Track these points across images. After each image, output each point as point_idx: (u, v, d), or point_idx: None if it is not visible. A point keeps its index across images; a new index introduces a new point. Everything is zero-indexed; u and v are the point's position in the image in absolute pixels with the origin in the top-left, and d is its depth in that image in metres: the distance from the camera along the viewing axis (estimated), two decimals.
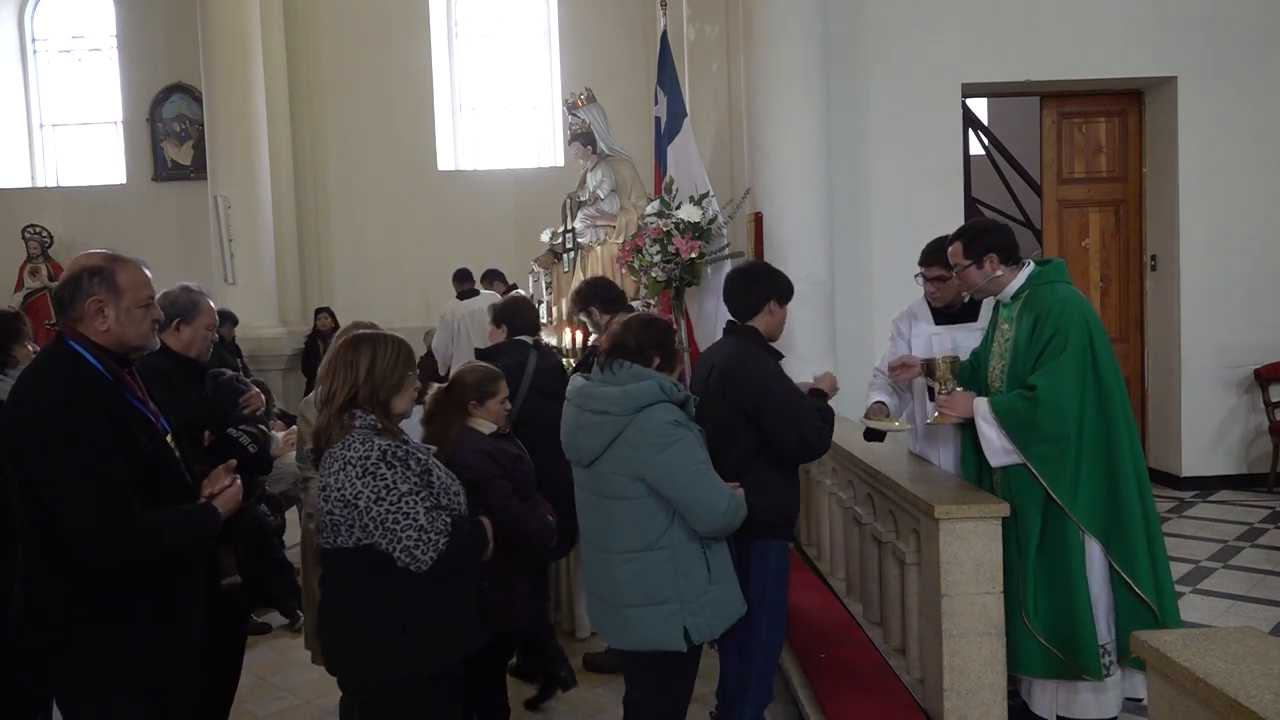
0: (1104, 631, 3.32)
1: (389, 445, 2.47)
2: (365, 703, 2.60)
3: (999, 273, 3.45)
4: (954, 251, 3.54)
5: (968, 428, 3.51)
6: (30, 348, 3.43)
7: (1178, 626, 3.35)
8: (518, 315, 4.28)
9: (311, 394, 3.57)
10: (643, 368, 2.84)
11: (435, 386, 3.24)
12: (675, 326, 5.80)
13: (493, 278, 8.88)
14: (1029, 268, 3.48)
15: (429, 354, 7.98)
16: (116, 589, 2.33)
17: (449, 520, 2.50)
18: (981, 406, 3.36)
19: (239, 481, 2.59)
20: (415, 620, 2.49)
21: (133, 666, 2.36)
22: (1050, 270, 3.47)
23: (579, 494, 2.97)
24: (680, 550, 2.76)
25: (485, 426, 3.31)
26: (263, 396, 3.52)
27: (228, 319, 8.96)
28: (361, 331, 2.70)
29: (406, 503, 2.43)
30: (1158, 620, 3.25)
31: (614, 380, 2.81)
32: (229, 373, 3.52)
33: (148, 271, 2.52)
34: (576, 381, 2.97)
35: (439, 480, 2.58)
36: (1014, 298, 3.47)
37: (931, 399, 3.73)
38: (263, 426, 3.21)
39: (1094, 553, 3.31)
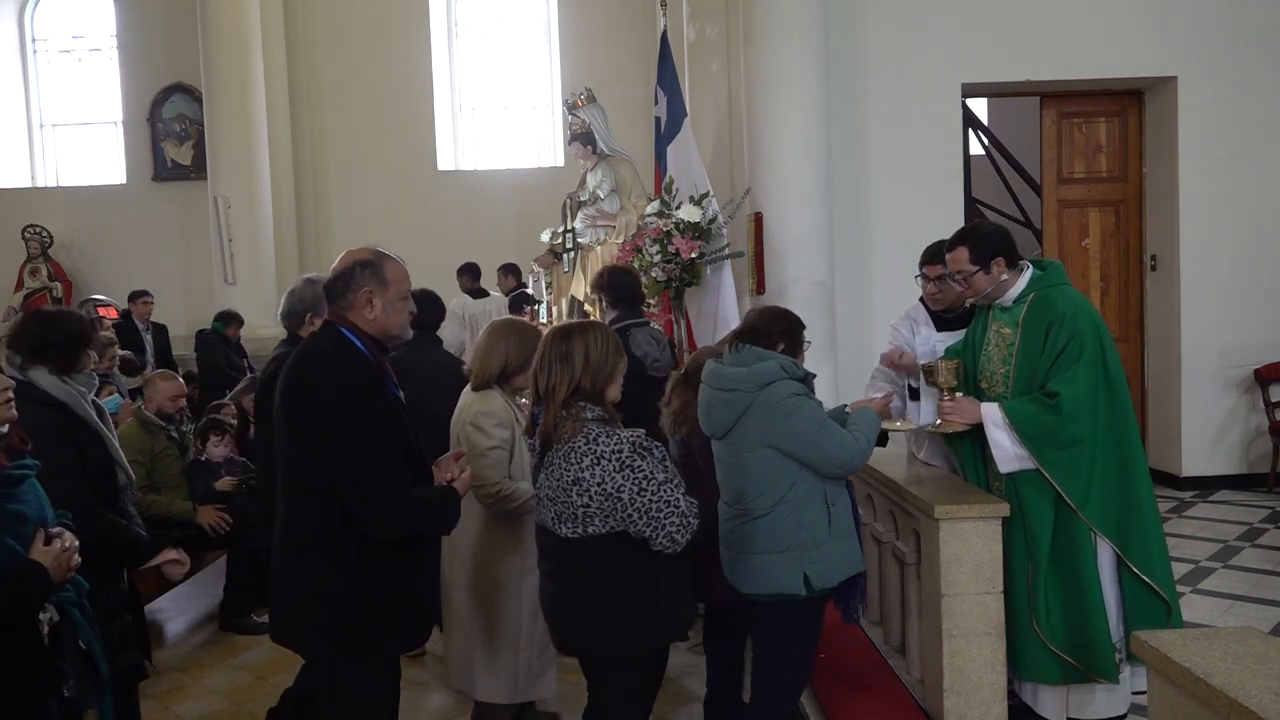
0: (1115, 630, 3.30)
1: (633, 437, 2.63)
2: (605, 675, 2.80)
3: (1004, 277, 3.39)
4: (957, 258, 3.41)
5: (969, 437, 3.46)
6: (94, 354, 3.36)
7: (1180, 624, 3.35)
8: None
9: (482, 400, 3.51)
10: (764, 350, 3.07)
11: (674, 374, 3.30)
12: (675, 326, 5.82)
13: (507, 271, 8.87)
14: (1029, 270, 3.43)
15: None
16: (394, 563, 2.56)
17: (694, 500, 2.69)
18: (993, 412, 3.28)
19: (468, 469, 2.78)
20: (665, 596, 2.71)
21: (396, 638, 2.63)
22: (1052, 273, 3.43)
23: (718, 464, 3.18)
24: (804, 504, 2.97)
25: None
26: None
27: (233, 319, 8.95)
28: (570, 323, 2.84)
29: (665, 491, 2.60)
30: (1170, 615, 3.26)
31: (740, 362, 3.06)
32: None
33: (405, 267, 2.70)
34: (710, 365, 3.21)
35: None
36: (1016, 301, 3.42)
37: (914, 397, 3.71)
38: None
39: (1104, 553, 3.29)
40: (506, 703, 3.57)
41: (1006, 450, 3.26)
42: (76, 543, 2.47)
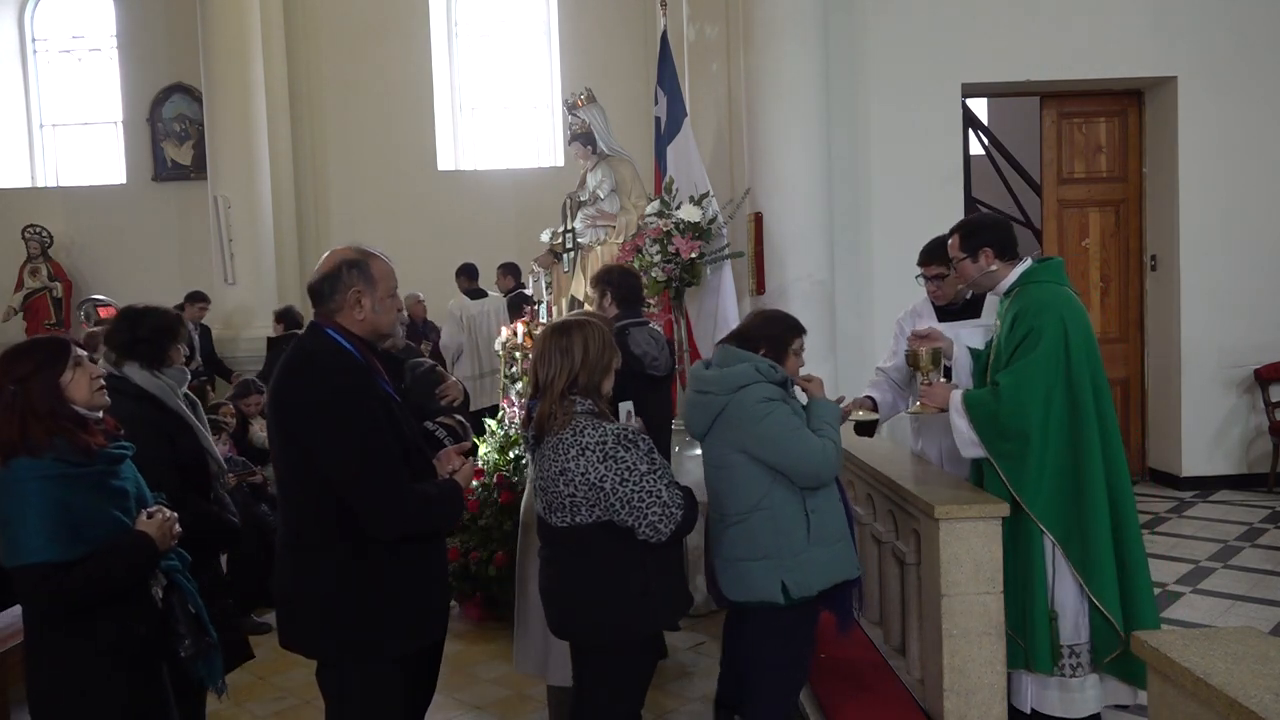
0: (1071, 633, 3.33)
1: (618, 429, 2.67)
2: (594, 661, 2.82)
3: (993, 267, 3.48)
4: (952, 244, 3.59)
5: None
6: (184, 350, 3.43)
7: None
8: None
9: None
10: (743, 352, 3.07)
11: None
12: (675, 326, 5.82)
13: (506, 271, 8.85)
14: (1025, 265, 3.49)
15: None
16: (393, 563, 2.56)
17: (680, 491, 2.72)
18: (955, 398, 3.41)
19: (469, 461, 2.80)
20: (653, 584, 2.73)
21: (401, 633, 2.61)
22: (1043, 269, 3.48)
23: (704, 466, 3.20)
24: (780, 511, 2.96)
25: None
26: (461, 387, 3.47)
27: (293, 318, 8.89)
28: (568, 318, 2.87)
29: (648, 481, 2.64)
30: (1114, 627, 3.26)
31: (719, 364, 3.09)
32: (427, 362, 3.45)
33: (391, 264, 2.70)
34: (692, 367, 3.29)
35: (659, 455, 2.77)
36: (1006, 294, 3.50)
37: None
38: (459, 418, 3.17)
39: (1061, 554, 3.33)
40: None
41: (964, 436, 3.38)
42: (175, 514, 2.64)
